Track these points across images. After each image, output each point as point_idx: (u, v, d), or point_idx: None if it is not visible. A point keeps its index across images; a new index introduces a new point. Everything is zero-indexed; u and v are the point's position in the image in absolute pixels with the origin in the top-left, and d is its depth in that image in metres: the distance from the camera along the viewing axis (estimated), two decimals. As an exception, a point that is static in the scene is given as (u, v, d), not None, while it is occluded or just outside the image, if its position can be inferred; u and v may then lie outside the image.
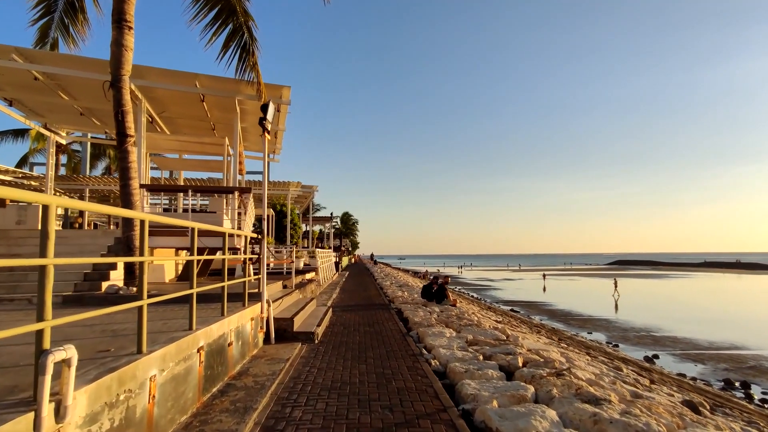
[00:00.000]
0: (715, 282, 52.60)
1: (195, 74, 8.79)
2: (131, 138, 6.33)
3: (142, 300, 2.97)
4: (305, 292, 11.42)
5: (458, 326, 8.43)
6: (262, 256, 6.33)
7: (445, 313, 10.24)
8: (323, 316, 8.49)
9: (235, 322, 5.03)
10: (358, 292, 16.61)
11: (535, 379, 4.72)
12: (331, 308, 10.26)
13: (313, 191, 21.60)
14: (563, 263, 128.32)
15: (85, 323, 4.20)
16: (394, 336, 7.49)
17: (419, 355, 6.08)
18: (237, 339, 5.05)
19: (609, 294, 36.00)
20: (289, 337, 6.73)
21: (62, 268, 6.79)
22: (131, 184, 6.33)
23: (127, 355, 2.85)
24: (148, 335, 3.63)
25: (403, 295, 14.44)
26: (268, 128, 6.36)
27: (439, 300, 11.98)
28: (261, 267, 6.33)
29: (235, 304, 5.87)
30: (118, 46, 6.25)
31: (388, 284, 20.66)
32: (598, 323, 23.23)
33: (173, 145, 10.51)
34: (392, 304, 12.51)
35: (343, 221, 68.53)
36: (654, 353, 15.89)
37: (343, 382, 4.67)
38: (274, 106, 6.49)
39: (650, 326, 22.17)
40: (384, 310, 10.98)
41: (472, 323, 8.78)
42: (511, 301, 32.51)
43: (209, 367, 4.04)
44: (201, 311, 5.18)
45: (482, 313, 13.19)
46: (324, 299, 13.08)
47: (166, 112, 10.30)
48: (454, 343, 6.73)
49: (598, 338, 18.99)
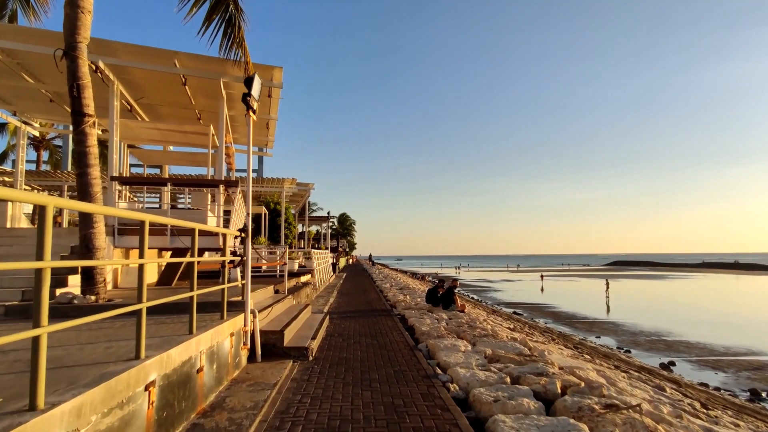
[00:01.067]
0: (715, 283, 52.02)
1: (174, 52, 7.74)
2: (90, 118, 5.30)
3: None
4: (299, 297, 10.41)
5: (472, 337, 7.44)
6: (246, 258, 5.31)
7: (454, 321, 9.25)
8: (319, 326, 7.48)
9: (208, 340, 4.02)
10: (357, 295, 15.59)
11: (584, 412, 3.74)
12: (328, 315, 9.25)
13: (309, 189, 20.56)
14: (561, 264, 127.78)
15: (4, 347, 3.19)
16: (401, 350, 6.49)
17: (433, 376, 5.08)
18: (210, 362, 4.04)
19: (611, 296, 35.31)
20: (279, 353, 5.72)
21: (9, 273, 5.74)
22: (90, 173, 5.30)
23: (12, 413, 1.83)
24: (74, 368, 2.61)
25: (405, 300, 13.45)
26: (253, 106, 5.36)
27: (446, 305, 10.98)
28: (245, 271, 5.31)
29: (212, 316, 4.86)
30: (73, 7, 5.20)
31: (387, 287, 19.65)
32: (604, 327, 22.40)
33: (152, 135, 9.43)
34: (394, 310, 11.51)
35: (340, 222, 67.48)
36: (669, 360, 15.01)
37: (343, 419, 3.66)
38: (260, 81, 5.48)
39: (660, 330, 21.36)
40: (386, 317, 9.98)
41: (486, 333, 7.80)
42: (513, 303, 31.64)
43: (166, 406, 3.03)
44: (164, 327, 4.17)
45: (493, 319, 12.21)
46: (320, 304, 12.06)
47: (144, 98, 9.24)
48: (472, 360, 5.75)
49: (607, 343, 18.15)
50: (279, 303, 7.52)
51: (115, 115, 7.88)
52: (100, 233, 5.32)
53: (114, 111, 7.84)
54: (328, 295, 14.66)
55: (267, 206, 18.29)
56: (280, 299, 7.88)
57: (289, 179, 16.77)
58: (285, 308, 7.94)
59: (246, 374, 4.95)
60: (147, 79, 8.59)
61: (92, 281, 5.26)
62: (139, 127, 9.09)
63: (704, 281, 53.97)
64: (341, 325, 8.71)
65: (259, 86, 5.53)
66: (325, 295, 14.84)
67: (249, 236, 5.31)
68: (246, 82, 5.30)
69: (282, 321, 6.56)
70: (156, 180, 9.43)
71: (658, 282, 52.85)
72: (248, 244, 5.32)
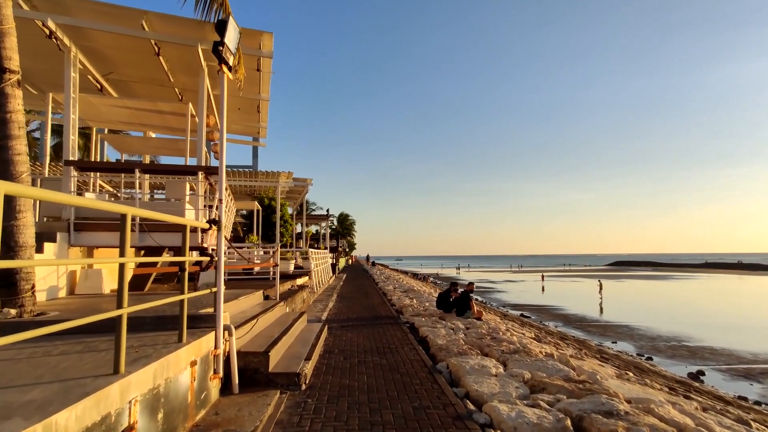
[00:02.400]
0: (722, 284, 50.93)
1: (142, 11, 6.42)
2: (12, 75, 4.01)
3: None
4: (294, 303, 9.11)
5: (500, 354, 6.14)
6: (217, 258, 4.01)
7: (473, 331, 7.97)
8: (315, 340, 6.18)
9: (149, 380, 2.73)
10: (358, 299, 14.28)
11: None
12: (327, 325, 7.96)
13: (307, 185, 19.21)
14: (562, 264, 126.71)
15: None
16: (417, 373, 5.19)
17: (467, 416, 3.78)
18: (153, 411, 2.75)
19: (615, 297, 34.27)
20: (263, 381, 4.42)
21: None
22: (11, 146, 3.99)
23: None
24: None
25: (412, 304, 12.15)
26: (228, 60, 4.07)
27: (460, 312, 9.69)
28: (217, 276, 4.01)
29: (167, 339, 3.57)
30: None
31: (391, 289, 18.34)
32: (619, 331, 21.21)
33: (121, 114, 8.08)
34: (402, 317, 10.22)
35: (340, 221, 66.03)
36: (698, 369, 13.78)
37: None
38: (237, 29, 4.19)
39: (678, 334, 20.19)
40: (393, 326, 8.69)
41: (515, 348, 6.50)
42: (519, 305, 30.47)
43: None
44: (87, 359, 2.87)
45: (512, 327, 10.91)
46: (318, 310, 10.77)
47: (114, 74, 7.94)
48: (510, 388, 4.46)
49: (625, 349, 16.98)
50: (268, 312, 6.22)
51: (72, 88, 6.56)
52: (25, 227, 4.03)
53: (70, 83, 6.52)
54: (327, 299, 13.35)
55: (261, 202, 16.97)
56: (270, 307, 6.59)
57: (285, 173, 15.45)
58: (275, 318, 6.64)
59: (214, 415, 3.65)
60: (114, 48, 7.28)
61: (15, 290, 3.97)
62: (104, 104, 7.75)
63: (710, 282, 52.92)
64: (342, 337, 7.41)
65: (237, 35, 4.23)
66: (324, 299, 13.54)
67: (221, 229, 4.01)
68: (218, 27, 4.01)
69: (269, 337, 5.25)
70: (120, 166, 7.98)
71: (663, 282, 51.78)
72: (221, 238, 4.02)
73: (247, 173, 15.94)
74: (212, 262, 3.96)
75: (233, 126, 11.39)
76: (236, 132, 11.98)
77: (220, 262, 3.97)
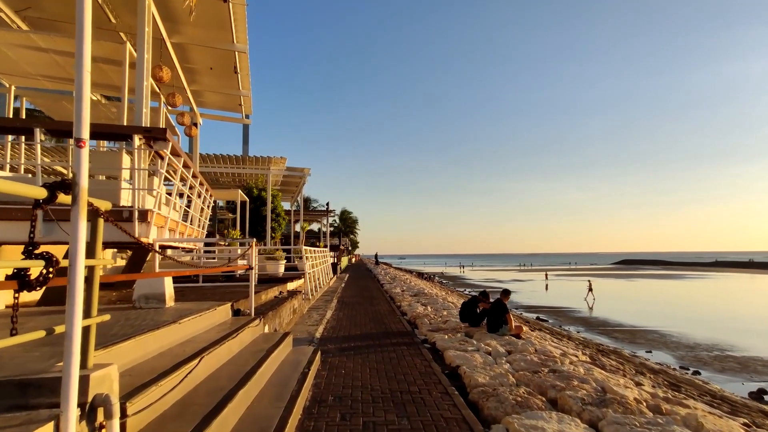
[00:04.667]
0: (740, 283, 48.64)
1: None
2: None
3: None
4: (279, 317, 7.00)
5: (580, 405, 4.02)
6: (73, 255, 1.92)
7: (519, 357, 5.83)
8: (299, 384, 4.07)
9: None
10: (362, 306, 12.14)
11: None
12: (320, 350, 5.85)
13: (304, 175, 17.04)
14: (568, 263, 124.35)
15: None
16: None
17: None
18: None
19: (633, 298, 32.17)
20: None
21: None
22: None
23: None
24: None
25: (427, 313, 10.01)
26: None
27: (493, 327, 7.52)
28: (70, 296, 1.91)
29: None
30: None
31: (398, 292, 16.20)
32: (649, 337, 19.04)
33: (32, 57, 5.80)
34: (417, 332, 8.08)
35: (341, 219, 63.83)
36: (759, 388, 11.60)
37: None
38: None
39: (717, 342, 17.99)
40: (410, 348, 6.56)
41: (593, 388, 4.39)
42: (533, 306, 28.40)
43: None
44: None
45: (561, 344, 8.68)
46: (313, 322, 8.66)
47: (32, 9, 5.82)
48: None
49: (663, 360, 14.75)
50: (227, 341, 4.11)
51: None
52: None
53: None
54: (325, 307, 11.23)
55: (250, 193, 14.80)
56: (234, 331, 4.47)
57: (278, 158, 13.31)
58: (241, 347, 4.52)
59: None
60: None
61: None
62: (8, 43, 5.51)
63: (726, 281, 50.69)
64: (341, 370, 5.29)
65: None
66: (322, 306, 11.42)
67: (78, 202, 1.89)
68: None
69: (213, 394, 3.12)
70: (10, 124, 5.34)
71: (677, 282, 49.56)
72: (80, 222, 1.90)
73: (232, 158, 13.75)
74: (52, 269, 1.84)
75: (209, 96, 9.27)
76: (213, 106, 9.84)
77: (75, 265, 1.86)
